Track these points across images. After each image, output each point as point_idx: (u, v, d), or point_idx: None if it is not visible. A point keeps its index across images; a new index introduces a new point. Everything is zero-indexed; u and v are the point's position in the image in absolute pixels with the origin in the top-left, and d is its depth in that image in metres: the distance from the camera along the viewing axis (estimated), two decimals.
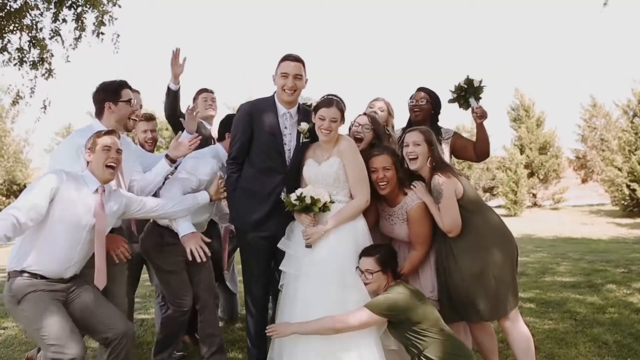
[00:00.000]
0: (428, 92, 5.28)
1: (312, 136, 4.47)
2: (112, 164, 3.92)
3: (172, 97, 5.27)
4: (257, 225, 4.46)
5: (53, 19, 8.25)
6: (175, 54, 5.08)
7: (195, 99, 5.99)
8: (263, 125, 4.45)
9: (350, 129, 4.90)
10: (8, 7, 7.71)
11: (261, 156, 4.48)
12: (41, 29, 8.17)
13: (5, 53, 8.00)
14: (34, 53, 8.28)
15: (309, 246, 4.24)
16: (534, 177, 31.55)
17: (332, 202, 4.26)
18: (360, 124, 4.79)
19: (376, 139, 4.75)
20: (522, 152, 31.51)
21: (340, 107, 4.38)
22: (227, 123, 4.85)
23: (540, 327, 6.09)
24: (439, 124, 5.33)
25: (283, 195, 4.38)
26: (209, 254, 4.52)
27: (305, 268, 4.22)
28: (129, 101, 4.28)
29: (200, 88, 6.04)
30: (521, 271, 9.44)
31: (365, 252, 4.19)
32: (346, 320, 3.93)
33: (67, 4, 8.13)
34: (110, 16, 8.41)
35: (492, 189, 33.21)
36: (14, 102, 8.74)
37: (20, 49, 8.05)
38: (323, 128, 4.29)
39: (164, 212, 4.31)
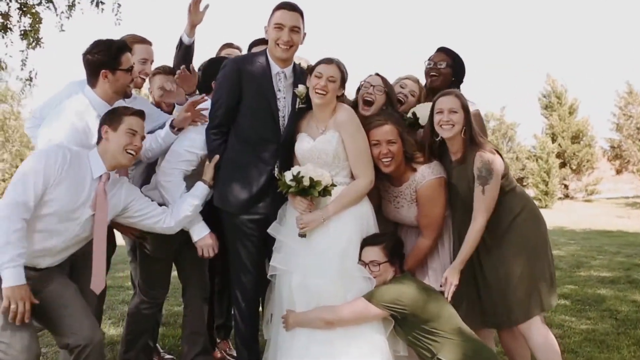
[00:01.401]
0: (449, 54, 4.62)
1: (309, 103, 3.89)
2: (134, 152, 3.44)
3: (184, 51, 4.39)
4: (246, 206, 3.89)
5: None
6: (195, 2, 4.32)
7: (218, 55, 5.14)
8: (254, 86, 3.87)
9: (358, 90, 4.30)
10: None
11: (251, 123, 3.90)
12: None
13: None
14: (25, 22, 7.79)
15: (302, 235, 3.70)
16: (566, 167, 30.75)
17: (334, 185, 3.70)
18: (371, 84, 4.15)
19: (389, 104, 4.13)
20: (553, 140, 30.70)
21: (342, 68, 3.81)
22: (212, 68, 4.23)
23: (577, 327, 5.59)
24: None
25: (276, 172, 3.84)
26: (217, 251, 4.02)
27: (300, 260, 3.70)
28: (129, 69, 3.66)
29: (224, 43, 5.22)
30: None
31: (369, 241, 3.72)
32: (338, 311, 3.54)
33: None
34: None
35: (522, 180, 32.35)
36: None
37: (5, 15, 7.57)
38: (318, 87, 3.71)
39: (172, 227, 3.79)
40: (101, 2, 7.98)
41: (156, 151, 3.96)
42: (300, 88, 3.86)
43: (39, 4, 7.79)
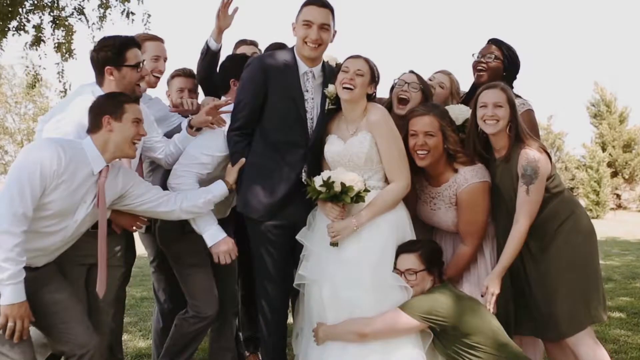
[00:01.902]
0: (500, 46, 4.23)
1: (339, 104, 3.68)
2: (138, 142, 3.29)
3: (210, 57, 4.22)
4: (270, 212, 3.67)
5: None
6: (225, 3, 4.17)
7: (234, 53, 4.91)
8: (280, 86, 3.66)
9: (392, 89, 4.08)
10: None
11: (278, 126, 3.69)
12: (63, 8, 7.72)
13: (22, 33, 7.59)
14: (58, 34, 7.82)
15: (335, 244, 3.48)
16: (617, 176, 29.93)
17: (367, 190, 3.48)
18: (406, 82, 3.95)
19: (425, 102, 3.91)
20: (603, 149, 29.92)
21: (370, 63, 3.60)
22: (232, 66, 4.01)
23: (634, 341, 5.25)
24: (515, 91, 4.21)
25: (304, 177, 3.64)
26: (236, 256, 3.78)
27: (331, 270, 3.48)
28: (136, 66, 3.47)
29: (239, 40, 4.89)
30: (607, 276, 8.59)
31: (405, 249, 3.48)
32: (371, 323, 3.31)
33: None
34: None
35: (572, 190, 31.53)
36: (32, 86, 8.33)
37: (37, 27, 7.61)
38: (345, 81, 3.50)
39: (173, 210, 3.50)
40: (131, 13, 7.94)
41: (176, 156, 3.76)
42: (330, 88, 3.65)
43: (71, 15, 7.83)
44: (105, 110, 3.16)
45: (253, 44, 4.79)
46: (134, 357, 4.92)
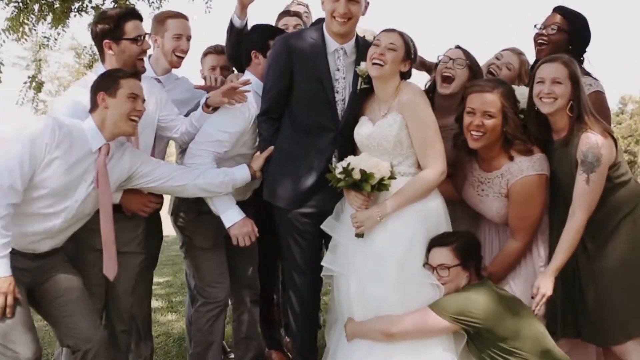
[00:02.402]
0: (565, 14, 3.80)
1: (372, 83, 3.41)
2: (138, 118, 3.14)
3: (235, 35, 3.95)
4: (298, 200, 3.48)
5: None
6: None
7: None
8: (307, 67, 3.43)
9: (436, 66, 3.78)
10: None
11: (305, 109, 3.48)
12: None
13: (84, 14, 7.67)
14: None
15: (360, 235, 3.25)
16: None
17: (392, 177, 3.21)
18: (451, 58, 3.63)
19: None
20: None
21: (405, 37, 3.31)
22: (253, 37, 3.77)
23: None
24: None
25: (334, 163, 3.40)
26: (256, 236, 3.61)
27: (357, 264, 3.27)
28: (136, 39, 3.33)
29: (282, 10, 4.57)
30: None
31: (437, 242, 3.21)
32: (399, 322, 3.09)
33: None
34: None
35: None
36: (90, 66, 8.42)
37: (97, 8, 7.65)
38: (375, 56, 3.24)
39: (185, 184, 3.37)
40: None
41: (192, 134, 3.59)
42: (362, 65, 3.39)
43: None
44: (100, 87, 3.07)
45: (297, 15, 4.49)
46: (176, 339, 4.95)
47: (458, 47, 3.73)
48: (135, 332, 3.68)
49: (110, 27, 3.28)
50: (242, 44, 3.83)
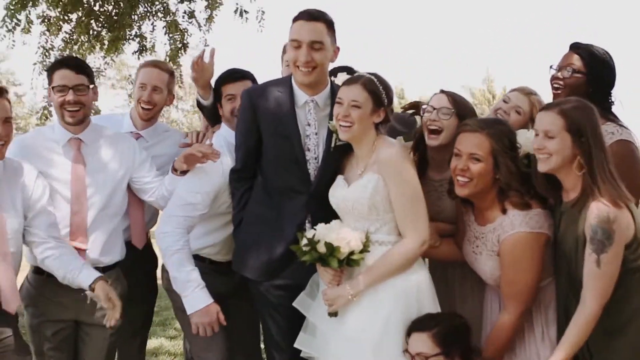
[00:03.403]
0: (582, 54, 3.27)
1: None
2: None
3: (208, 113, 3.72)
4: (271, 271, 3.14)
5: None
6: (199, 56, 3.59)
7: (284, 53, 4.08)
8: (272, 124, 3.11)
9: (421, 116, 3.33)
10: None
11: (274, 169, 3.16)
12: (175, 13, 7.68)
13: (131, 42, 7.67)
14: (175, 39, 7.75)
15: (333, 314, 2.90)
16: None
17: (365, 250, 2.82)
18: (434, 108, 3.18)
19: None
20: None
21: (372, 87, 2.89)
22: (217, 87, 3.55)
23: None
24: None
25: (301, 232, 3.03)
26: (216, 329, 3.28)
27: (331, 347, 2.91)
28: (58, 89, 3.22)
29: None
30: None
31: (416, 326, 2.80)
32: None
33: None
34: None
35: None
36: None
37: (141, 36, 7.65)
38: (340, 118, 2.87)
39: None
40: (245, 12, 7.68)
41: (168, 198, 3.35)
42: (334, 120, 3.01)
43: (182, 19, 7.71)
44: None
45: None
46: None
47: (442, 91, 3.27)
48: None
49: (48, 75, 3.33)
50: (214, 95, 3.57)
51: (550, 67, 3.34)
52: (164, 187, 3.37)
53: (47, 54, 7.58)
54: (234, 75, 3.50)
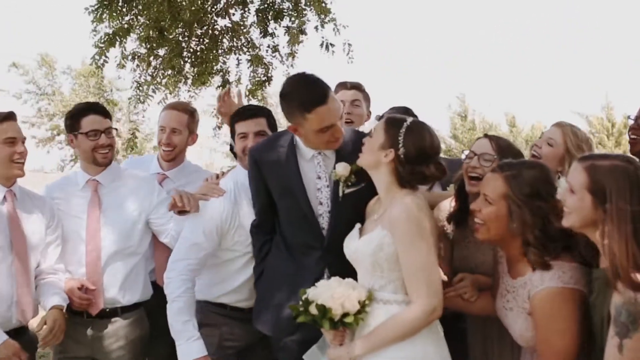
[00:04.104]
0: None
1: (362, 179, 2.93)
2: (20, 160, 3.22)
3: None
4: (285, 327, 3.04)
5: (262, 33, 7.79)
6: (226, 91, 3.80)
7: None
8: (277, 182, 3.06)
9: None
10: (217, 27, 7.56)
11: (287, 226, 3.11)
12: (259, 47, 7.81)
13: (215, 76, 7.84)
14: (259, 72, 7.91)
15: None
16: None
17: (362, 311, 2.64)
18: (475, 154, 3.03)
19: None
20: None
21: (392, 124, 2.76)
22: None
23: None
24: None
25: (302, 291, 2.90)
26: None
27: None
28: (91, 134, 3.40)
29: (340, 82, 4.19)
30: None
31: None
32: None
33: (281, 15, 7.58)
34: (335, 24, 7.54)
35: None
36: (219, 127, 8.62)
37: (224, 70, 7.82)
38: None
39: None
40: (330, 45, 7.64)
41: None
42: (338, 169, 2.94)
43: (266, 52, 7.85)
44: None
45: (356, 87, 4.13)
46: None
47: (486, 136, 3.12)
48: None
49: (69, 121, 3.47)
50: (230, 133, 3.59)
51: (628, 117, 3.04)
52: (173, 230, 3.42)
53: (140, 88, 7.93)
54: (246, 112, 3.47)
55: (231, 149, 3.72)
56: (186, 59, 7.59)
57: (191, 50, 7.58)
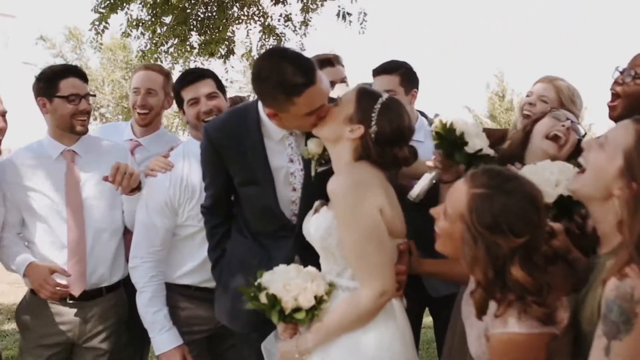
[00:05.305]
0: None
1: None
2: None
3: None
4: (257, 323, 2.60)
5: (273, 1, 7.35)
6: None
7: None
8: (239, 168, 2.62)
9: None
10: None
11: (251, 214, 2.70)
12: (271, 16, 7.40)
13: (222, 47, 7.44)
14: (270, 43, 7.52)
15: None
16: None
17: (318, 307, 2.27)
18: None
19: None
20: None
21: (364, 94, 2.35)
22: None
23: None
24: None
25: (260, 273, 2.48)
26: None
27: None
28: (69, 97, 3.06)
29: (320, 58, 3.58)
30: None
31: None
32: None
33: None
34: None
35: None
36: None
37: (229, 39, 7.40)
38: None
39: None
40: (348, 14, 7.22)
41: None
42: (309, 145, 2.49)
43: (278, 22, 7.45)
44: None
45: (339, 62, 3.67)
46: None
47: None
48: None
49: (43, 84, 3.11)
50: (176, 102, 3.33)
51: (616, 68, 2.60)
52: (126, 209, 3.16)
53: (145, 57, 7.61)
54: (190, 76, 3.13)
55: None
56: (192, 27, 7.21)
57: (198, 18, 7.19)
